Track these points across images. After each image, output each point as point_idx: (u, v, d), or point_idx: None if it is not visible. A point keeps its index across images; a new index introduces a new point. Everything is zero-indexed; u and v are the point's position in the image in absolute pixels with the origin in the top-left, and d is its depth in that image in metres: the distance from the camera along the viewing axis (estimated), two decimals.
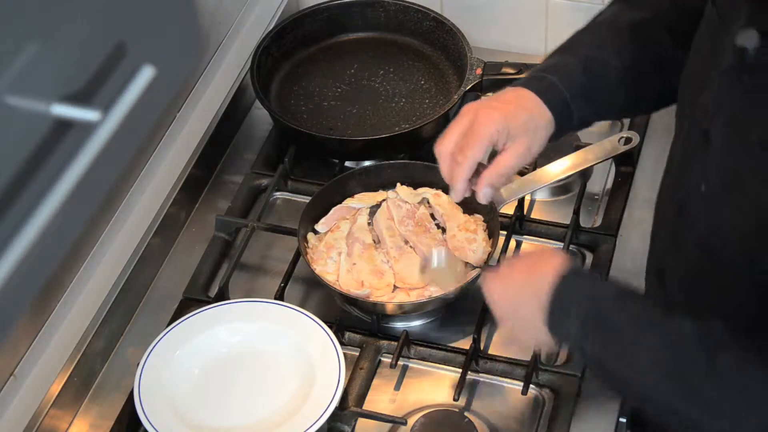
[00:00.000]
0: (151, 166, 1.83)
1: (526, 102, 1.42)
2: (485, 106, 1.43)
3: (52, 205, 0.70)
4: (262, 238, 1.82)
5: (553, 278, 1.30)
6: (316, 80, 2.03)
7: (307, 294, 1.75)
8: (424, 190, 1.79)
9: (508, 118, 1.40)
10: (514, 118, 1.40)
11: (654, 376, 1.25)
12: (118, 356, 1.68)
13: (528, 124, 1.41)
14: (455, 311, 1.70)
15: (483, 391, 1.62)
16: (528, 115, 1.42)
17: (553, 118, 1.42)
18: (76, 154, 0.71)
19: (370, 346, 1.66)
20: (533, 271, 1.34)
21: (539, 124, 1.42)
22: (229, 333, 1.63)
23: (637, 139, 1.78)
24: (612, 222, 1.80)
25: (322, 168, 1.90)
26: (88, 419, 1.61)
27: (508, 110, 1.41)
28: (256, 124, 2.03)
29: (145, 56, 0.77)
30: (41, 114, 0.70)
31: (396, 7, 2.07)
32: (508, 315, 1.39)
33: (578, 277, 1.33)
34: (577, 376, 1.60)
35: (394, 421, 1.56)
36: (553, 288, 1.29)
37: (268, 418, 1.55)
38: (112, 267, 1.71)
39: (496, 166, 1.43)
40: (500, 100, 1.44)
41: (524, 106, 1.42)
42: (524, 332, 1.38)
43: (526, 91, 1.43)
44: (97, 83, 0.74)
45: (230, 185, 1.92)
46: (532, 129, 1.42)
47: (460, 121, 1.43)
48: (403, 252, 1.71)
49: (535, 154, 1.45)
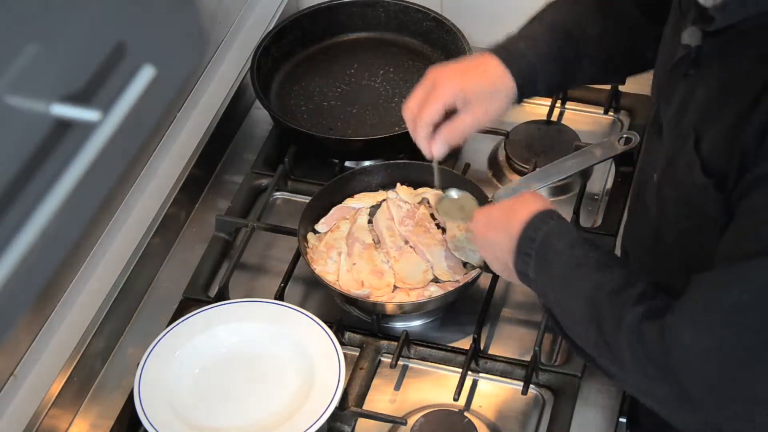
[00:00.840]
0: (151, 166, 1.83)
1: (488, 69, 1.49)
2: (446, 70, 1.50)
3: (52, 205, 0.70)
4: (262, 238, 1.82)
5: (525, 221, 1.37)
6: (316, 80, 2.03)
7: (307, 294, 1.75)
8: (424, 190, 1.79)
9: (466, 84, 1.47)
10: (472, 85, 1.47)
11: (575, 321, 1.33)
12: (118, 356, 1.68)
13: (485, 90, 1.48)
14: (455, 311, 1.70)
15: (483, 391, 1.62)
16: (486, 82, 1.48)
17: (516, 85, 1.49)
18: (76, 154, 0.71)
19: (370, 346, 1.66)
20: (512, 211, 1.40)
21: (498, 91, 1.48)
22: (229, 333, 1.63)
23: (637, 139, 1.78)
24: (612, 222, 1.80)
25: (322, 168, 1.90)
26: (88, 419, 1.61)
27: (467, 77, 1.48)
28: (256, 124, 2.03)
29: (145, 56, 0.77)
30: (41, 114, 0.70)
31: (396, 7, 2.07)
32: (483, 246, 1.47)
33: (546, 221, 1.37)
34: (577, 376, 1.60)
35: (394, 421, 1.56)
36: (522, 230, 1.37)
37: (268, 418, 1.55)
38: (112, 267, 1.71)
39: (451, 125, 1.49)
40: (462, 66, 1.50)
41: (484, 74, 1.48)
42: (497, 267, 1.46)
43: (491, 57, 1.49)
44: (97, 83, 0.74)
45: (230, 185, 1.92)
46: (488, 96, 1.48)
47: (423, 83, 1.50)
48: (403, 252, 1.71)
49: (493, 118, 1.51)
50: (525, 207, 1.39)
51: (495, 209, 1.46)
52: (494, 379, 1.63)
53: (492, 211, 1.46)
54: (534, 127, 1.94)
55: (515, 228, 1.38)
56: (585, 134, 1.92)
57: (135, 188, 1.79)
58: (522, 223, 1.38)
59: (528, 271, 1.37)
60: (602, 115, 2.00)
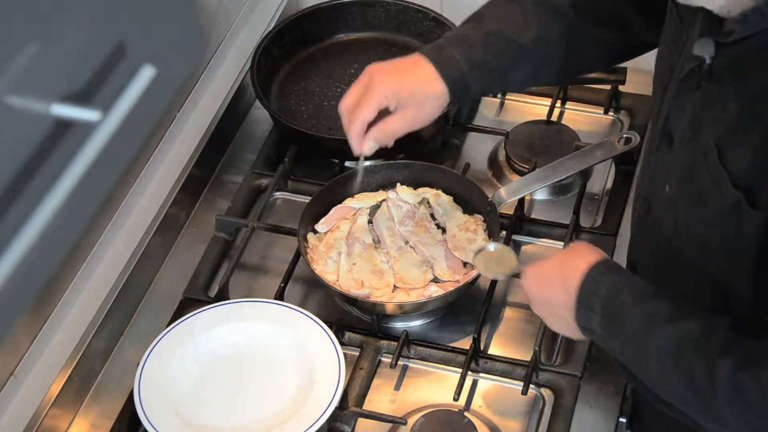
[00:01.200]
0: (151, 166, 1.83)
1: (421, 73, 1.50)
2: (382, 70, 1.51)
3: (52, 205, 0.70)
4: (262, 238, 1.82)
5: (583, 273, 1.34)
6: (316, 80, 2.02)
7: (307, 294, 1.75)
8: (424, 190, 1.79)
9: (399, 86, 1.49)
10: (405, 87, 1.49)
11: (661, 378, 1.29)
12: (118, 356, 1.68)
13: (418, 94, 1.50)
14: (455, 311, 1.70)
15: (483, 391, 1.62)
16: (419, 86, 1.50)
17: (448, 89, 1.49)
18: (76, 154, 0.71)
19: (370, 346, 1.66)
20: (566, 265, 1.38)
21: (429, 95, 1.50)
22: (229, 333, 1.63)
23: (637, 139, 1.78)
24: (612, 222, 1.80)
25: (322, 168, 1.90)
26: (88, 419, 1.61)
27: (402, 79, 1.50)
28: (256, 124, 2.03)
29: (145, 56, 0.77)
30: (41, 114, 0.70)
31: (396, 7, 2.07)
32: (539, 304, 1.43)
33: (605, 273, 1.34)
34: (577, 376, 1.60)
35: (394, 421, 1.56)
36: (581, 283, 1.33)
37: (268, 418, 1.55)
38: (112, 267, 1.71)
39: (382, 125, 1.51)
40: (398, 67, 1.52)
41: (418, 77, 1.50)
42: (555, 324, 1.43)
43: (424, 60, 1.50)
44: (97, 83, 0.74)
45: (230, 185, 1.92)
46: (421, 99, 1.50)
47: (360, 80, 1.52)
48: (403, 252, 1.71)
49: (425, 121, 1.53)
50: (579, 259, 1.36)
51: (547, 264, 1.42)
52: (494, 379, 1.63)
53: (544, 266, 1.42)
54: (534, 127, 1.94)
55: (573, 282, 1.34)
56: (585, 134, 1.92)
57: (135, 188, 1.79)
58: (579, 276, 1.34)
59: (592, 326, 1.34)
60: (602, 115, 2.00)
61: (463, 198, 1.78)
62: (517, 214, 1.78)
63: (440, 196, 1.78)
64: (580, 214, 1.80)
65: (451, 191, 1.79)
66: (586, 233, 1.79)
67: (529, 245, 1.80)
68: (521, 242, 1.80)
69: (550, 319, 1.43)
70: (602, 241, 1.77)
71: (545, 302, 1.41)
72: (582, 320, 1.35)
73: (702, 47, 1.23)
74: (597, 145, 1.80)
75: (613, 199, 1.84)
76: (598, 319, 1.33)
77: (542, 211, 1.84)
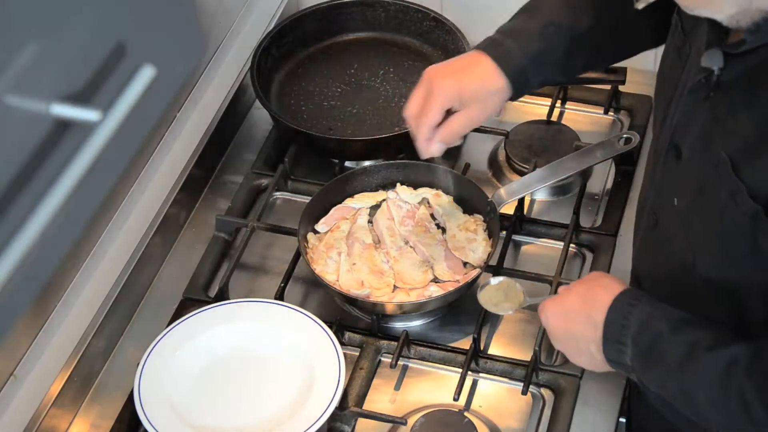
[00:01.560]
0: (151, 166, 1.83)
1: (481, 70, 1.50)
2: (441, 73, 1.51)
3: (52, 205, 0.70)
4: (262, 238, 1.82)
5: (608, 305, 1.31)
6: (316, 80, 2.03)
7: (307, 294, 1.75)
8: (424, 190, 1.79)
9: (460, 87, 1.49)
10: (466, 87, 1.49)
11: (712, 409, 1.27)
12: (118, 356, 1.68)
13: (480, 92, 1.50)
14: (455, 311, 1.70)
15: (483, 391, 1.62)
16: (480, 83, 1.50)
17: (509, 83, 1.50)
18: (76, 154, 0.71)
19: (370, 346, 1.66)
20: (588, 298, 1.35)
21: (491, 91, 1.50)
22: (229, 333, 1.63)
23: (637, 139, 1.78)
24: (612, 222, 1.80)
25: (322, 168, 1.90)
26: (88, 419, 1.61)
27: (461, 79, 1.49)
28: (256, 124, 2.03)
29: (145, 56, 0.77)
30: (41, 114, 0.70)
31: (396, 7, 2.07)
32: (562, 339, 1.41)
33: (633, 304, 1.32)
34: (577, 376, 1.60)
35: (394, 421, 1.56)
36: (608, 316, 1.31)
37: (268, 418, 1.55)
38: (112, 267, 1.71)
39: (448, 126, 1.51)
40: (456, 67, 1.52)
41: (478, 75, 1.50)
42: (579, 358, 1.40)
43: (483, 57, 1.50)
44: (97, 83, 0.74)
45: (230, 185, 1.92)
46: (484, 97, 1.50)
47: (419, 88, 1.52)
48: (403, 252, 1.71)
49: (489, 116, 1.53)
50: (601, 291, 1.34)
51: (567, 299, 1.39)
52: (494, 379, 1.63)
53: (564, 301, 1.39)
54: (534, 127, 1.94)
55: (598, 316, 1.32)
56: (585, 134, 1.92)
57: (135, 188, 1.79)
58: (604, 309, 1.32)
59: (624, 360, 1.31)
60: (602, 115, 2.00)
61: (463, 198, 1.78)
62: (517, 214, 1.78)
63: (440, 197, 1.78)
64: (580, 214, 1.80)
65: (451, 191, 1.79)
66: (586, 233, 1.79)
67: (529, 245, 1.80)
68: (521, 242, 1.80)
69: (574, 354, 1.40)
70: (602, 241, 1.77)
71: (569, 337, 1.38)
72: (612, 354, 1.32)
73: (710, 58, 1.22)
74: (597, 145, 1.80)
75: (613, 199, 1.84)
76: (630, 352, 1.30)
77: (542, 211, 1.84)
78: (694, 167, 1.29)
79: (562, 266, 1.71)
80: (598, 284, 1.37)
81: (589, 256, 1.77)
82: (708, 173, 1.26)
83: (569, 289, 1.41)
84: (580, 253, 1.78)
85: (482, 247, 1.70)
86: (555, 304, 1.41)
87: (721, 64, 1.21)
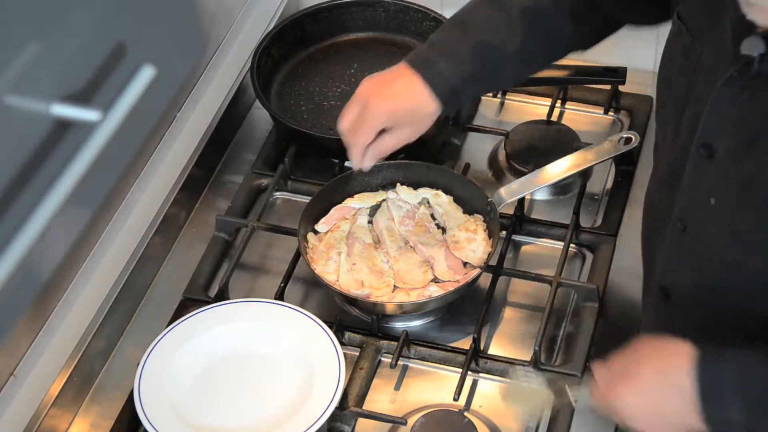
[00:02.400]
0: (151, 166, 1.83)
1: (414, 94, 1.55)
2: (376, 96, 1.56)
3: (52, 205, 0.70)
4: (262, 238, 1.82)
5: (689, 367, 1.24)
6: (316, 80, 2.03)
7: (307, 294, 1.75)
8: (424, 190, 1.79)
9: (394, 111, 1.55)
10: (399, 110, 1.56)
11: None
12: (118, 356, 1.68)
13: (414, 115, 1.56)
14: (455, 311, 1.70)
15: (483, 391, 1.62)
16: (415, 106, 1.55)
17: (441, 105, 1.55)
18: (76, 154, 0.71)
19: (370, 346, 1.66)
20: (661, 370, 1.28)
21: (424, 113, 1.56)
22: (229, 333, 1.63)
23: (637, 139, 1.78)
24: (612, 222, 1.80)
25: (322, 168, 1.90)
26: (88, 419, 1.61)
27: (396, 102, 1.55)
28: (256, 124, 2.03)
29: (145, 56, 0.77)
30: (41, 114, 0.70)
31: (396, 7, 2.07)
32: (645, 419, 1.30)
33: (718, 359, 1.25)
34: (577, 376, 1.60)
35: (394, 421, 1.56)
36: (699, 380, 1.24)
37: (268, 418, 1.55)
38: (112, 267, 1.71)
39: (380, 146, 1.58)
40: (392, 91, 1.56)
41: (412, 98, 1.55)
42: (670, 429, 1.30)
43: (416, 79, 1.54)
44: (97, 83, 0.74)
45: (230, 185, 1.92)
46: (417, 119, 1.57)
47: (354, 101, 1.57)
48: (403, 252, 1.71)
49: (418, 135, 1.60)
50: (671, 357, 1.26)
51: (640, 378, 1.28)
52: (494, 379, 1.63)
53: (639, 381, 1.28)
54: (534, 127, 1.94)
55: (685, 383, 1.23)
56: (585, 134, 1.92)
57: (135, 188, 1.79)
58: (689, 373, 1.23)
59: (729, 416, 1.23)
60: (602, 115, 2.00)
61: (463, 198, 1.78)
62: (517, 214, 1.78)
63: (440, 196, 1.78)
64: (580, 214, 1.80)
65: (451, 191, 1.79)
66: (586, 233, 1.79)
67: (529, 245, 1.80)
68: (521, 242, 1.80)
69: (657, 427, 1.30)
70: (602, 241, 1.77)
71: (654, 414, 1.28)
72: (715, 415, 1.24)
73: (751, 45, 1.20)
74: (597, 145, 1.80)
75: (613, 199, 1.84)
76: (738, 407, 1.23)
77: (542, 211, 1.84)
78: (736, 164, 1.26)
79: (562, 266, 1.71)
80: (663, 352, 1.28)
81: (589, 256, 1.78)
82: (754, 167, 1.23)
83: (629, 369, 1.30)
84: (580, 253, 1.78)
85: (482, 246, 1.70)
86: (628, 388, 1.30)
87: (763, 50, 1.19)
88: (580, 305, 1.70)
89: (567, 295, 1.71)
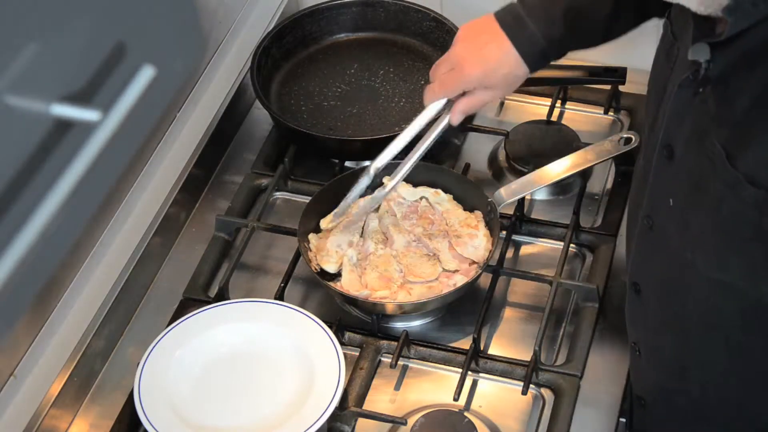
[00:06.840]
0: (151, 166, 1.83)
1: (506, 59, 1.57)
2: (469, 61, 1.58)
3: (52, 205, 0.70)
4: (262, 238, 1.82)
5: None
6: (316, 80, 2.03)
7: (307, 294, 1.75)
8: (423, 189, 1.79)
9: (487, 75, 1.57)
10: (492, 75, 1.58)
11: None
12: (118, 356, 1.68)
13: (504, 79, 1.58)
14: (455, 311, 1.70)
15: (483, 391, 1.62)
16: (506, 71, 1.58)
17: (529, 68, 1.58)
18: (76, 154, 0.71)
19: (370, 346, 1.66)
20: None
21: (514, 76, 1.58)
22: (229, 333, 1.63)
23: (637, 139, 1.78)
24: (612, 222, 1.80)
25: (322, 168, 1.90)
26: (88, 419, 1.61)
27: (488, 68, 1.57)
28: (256, 124, 2.03)
29: (145, 56, 0.77)
30: (41, 114, 0.70)
31: (396, 7, 2.07)
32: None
33: None
34: (577, 376, 1.60)
35: (394, 421, 1.56)
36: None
37: (268, 418, 1.55)
38: (112, 267, 1.71)
39: (470, 100, 1.60)
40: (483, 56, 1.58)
41: (503, 64, 1.57)
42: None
43: (507, 45, 1.56)
44: (97, 83, 0.74)
45: (230, 185, 1.92)
46: (507, 83, 1.59)
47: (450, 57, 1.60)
48: (410, 247, 1.71)
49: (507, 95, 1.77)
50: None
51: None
52: (494, 379, 1.63)
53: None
54: (534, 127, 1.94)
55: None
56: (585, 134, 1.92)
57: (135, 188, 1.79)
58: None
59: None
60: (602, 115, 2.00)
61: (463, 198, 1.78)
62: (517, 214, 1.78)
63: (439, 194, 1.78)
64: (580, 214, 1.80)
65: (450, 191, 1.79)
66: (586, 233, 1.79)
67: (529, 245, 1.80)
68: (521, 242, 1.80)
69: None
70: (602, 241, 1.77)
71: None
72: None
73: (697, 51, 1.22)
74: (597, 145, 1.80)
75: (613, 199, 1.84)
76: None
77: (542, 211, 1.84)
78: (688, 165, 1.29)
79: (562, 266, 1.71)
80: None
81: (589, 256, 1.78)
82: (703, 167, 1.25)
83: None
84: (580, 253, 1.78)
85: (484, 242, 1.70)
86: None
87: (708, 56, 1.21)
88: (580, 305, 1.70)
89: (567, 295, 1.72)
